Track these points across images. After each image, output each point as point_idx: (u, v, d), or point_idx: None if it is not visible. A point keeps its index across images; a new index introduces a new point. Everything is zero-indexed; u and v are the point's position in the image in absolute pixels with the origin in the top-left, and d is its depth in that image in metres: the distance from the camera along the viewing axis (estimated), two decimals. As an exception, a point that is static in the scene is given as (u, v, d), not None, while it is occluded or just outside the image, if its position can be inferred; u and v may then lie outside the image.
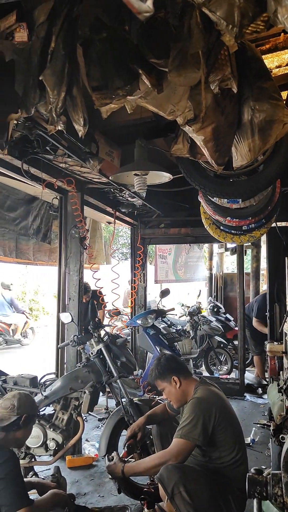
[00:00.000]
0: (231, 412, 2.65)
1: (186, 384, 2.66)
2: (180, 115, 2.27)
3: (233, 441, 2.52)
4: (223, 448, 2.50)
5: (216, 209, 4.00)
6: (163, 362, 2.74)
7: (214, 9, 1.66)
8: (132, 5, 1.31)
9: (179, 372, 2.70)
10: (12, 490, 2.20)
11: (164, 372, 2.68)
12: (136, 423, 3.01)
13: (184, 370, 2.76)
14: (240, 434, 2.62)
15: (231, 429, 2.53)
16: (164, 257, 9.57)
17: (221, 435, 2.48)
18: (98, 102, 2.10)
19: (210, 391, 2.60)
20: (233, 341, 7.80)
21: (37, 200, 5.66)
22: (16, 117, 2.28)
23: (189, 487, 2.32)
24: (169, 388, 2.68)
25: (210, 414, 2.46)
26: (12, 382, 3.66)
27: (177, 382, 2.65)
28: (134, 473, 2.67)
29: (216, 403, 2.53)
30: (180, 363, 2.86)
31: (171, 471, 2.36)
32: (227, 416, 2.53)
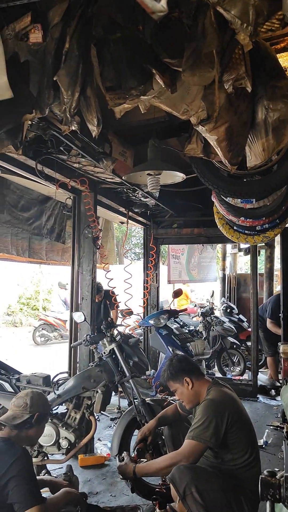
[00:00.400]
0: (244, 413, 2.62)
1: (198, 385, 2.65)
2: (193, 115, 2.26)
3: (246, 443, 2.50)
4: (236, 450, 2.48)
5: (230, 209, 3.98)
6: (175, 363, 2.72)
7: (228, 8, 1.65)
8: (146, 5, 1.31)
9: (191, 373, 2.68)
10: (24, 487, 2.21)
11: (176, 373, 2.67)
12: (147, 426, 3.00)
13: (196, 371, 2.74)
14: (253, 436, 2.60)
15: (244, 431, 2.51)
16: (177, 257, 9.55)
17: (234, 437, 2.46)
18: (112, 102, 2.10)
19: (223, 393, 2.58)
20: (246, 342, 7.75)
21: (51, 200, 5.70)
22: (31, 118, 2.30)
23: (201, 488, 2.32)
24: (181, 389, 2.66)
25: (223, 416, 2.44)
26: (25, 381, 3.69)
27: (189, 383, 2.64)
28: (145, 474, 2.67)
29: (229, 405, 2.51)
30: (192, 364, 2.84)
31: (183, 471, 2.35)
32: (240, 418, 2.51)
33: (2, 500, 2.20)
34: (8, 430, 2.46)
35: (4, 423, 2.47)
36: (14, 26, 2.05)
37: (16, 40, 2.05)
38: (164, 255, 10.65)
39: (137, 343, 3.97)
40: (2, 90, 1.80)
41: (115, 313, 6.49)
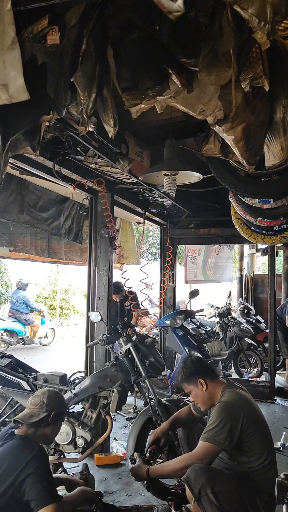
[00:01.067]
0: (260, 416, 2.60)
1: (213, 386, 2.63)
2: (210, 115, 2.25)
3: (261, 445, 2.47)
4: (252, 453, 2.46)
5: (247, 209, 3.95)
6: (189, 364, 2.71)
7: (246, 7, 1.63)
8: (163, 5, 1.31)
9: (205, 375, 2.66)
10: (41, 485, 2.23)
11: (191, 375, 2.66)
12: (160, 428, 2.99)
13: (210, 373, 2.72)
14: (269, 438, 2.57)
15: (260, 434, 2.48)
16: (194, 257, 9.51)
17: (249, 440, 2.44)
18: (128, 103, 2.10)
19: (238, 395, 2.56)
20: (263, 343, 7.67)
21: (68, 201, 5.74)
22: (48, 119, 2.31)
23: (216, 489, 2.30)
24: (196, 391, 2.65)
25: (238, 418, 2.42)
26: (43, 379, 3.73)
27: (203, 385, 2.62)
28: (159, 475, 2.67)
29: (244, 407, 2.49)
30: (207, 365, 2.83)
31: (198, 472, 2.34)
32: (255, 420, 2.48)
33: (19, 497, 2.23)
34: (25, 428, 2.49)
35: (21, 421, 2.50)
36: (32, 29, 2.07)
37: (34, 42, 2.08)
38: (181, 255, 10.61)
39: (153, 343, 3.97)
40: (19, 92, 1.82)
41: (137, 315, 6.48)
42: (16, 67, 1.78)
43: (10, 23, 1.72)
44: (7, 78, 1.79)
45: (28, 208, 5.11)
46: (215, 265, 10.72)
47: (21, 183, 4.87)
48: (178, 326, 5.33)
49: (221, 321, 7.47)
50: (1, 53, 1.76)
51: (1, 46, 1.75)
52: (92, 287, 4.55)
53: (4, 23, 1.72)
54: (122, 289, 6.00)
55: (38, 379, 3.74)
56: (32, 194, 5.16)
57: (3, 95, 1.83)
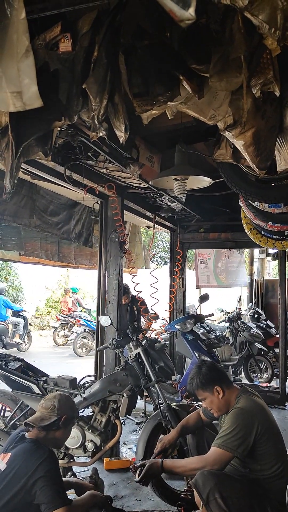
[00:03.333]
0: (274, 423, 2.57)
1: (228, 393, 2.59)
2: (220, 120, 2.26)
3: (275, 453, 2.45)
4: (265, 461, 2.43)
5: (258, 213, 3.95)
6: (204, 371, 2.65)
7: (256, 13, 1.64)
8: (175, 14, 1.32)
9: (221, 382, 2.62)
10: (52, 488, 2.24)
11: (207, 382, 2.61)
12: (167, 438, 2.94)
13: (226, 379, 2.68)
14: (282, 446, 2.54)
15: (273, 442, 2.45)
16: (205, 261, 9.49)
17: (263, 448, 2.41)
18: (139, 109, 2.12)
19: (253, 402, 2.53)
20: (273, 349, 7.62)
21: (79, 205, 5.78)
22: (60, 125, 2.34)
23: (224, 494, 2.28)
24: (211, 398, 2.60)
25: (252, 426, 2.39)
26: (53, 383, 3.74)
27: (219, 392, 2.58)
28: (172, 470, 2.60)
29: (259, 415, 2.46)
30: (222, 371, 2.78)
31: (206, 477, 2.33)
32: (269, 428, 2.46)
33: (29, 500, 2.24)
34: (36, 432, 2.50)
35: (32, 424, 2.51)
36: (45, 36, 2.10)
37: (46, 49, 2.11)
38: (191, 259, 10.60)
39: (163, 348, 3.97)
40: (33, 99, 1.85)
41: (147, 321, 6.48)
42: (30, 74, 1.80)
43: (24, 31, 1.75)
44: (21, 86, 1.82)
45: (39, 212, 5.16)
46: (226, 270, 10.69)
47: (32, 187, 4.92)
48: (188, 330, 5.31)
49: (231, 326, 7.45)
50: (16, 61, 1.79)
51: (16, 54, 1.78)
52: (102, 291, 4.57)
53: (18, 32, 1.75)
54: (127, 290, 6.01)
55: (48, 383, 3.76)
56: (43, 198, 5.20)
57: (17, 102, 1.86)
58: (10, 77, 1.83)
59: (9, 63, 1.82)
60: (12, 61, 1.80)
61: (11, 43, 1.78)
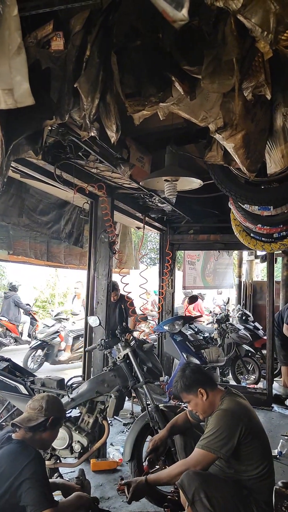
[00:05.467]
0: (258, 424, 2.58)
1: (213, 395, 2.59)
2: (212, 122, 2.26)
3: (259, 454, 2.46)
4: (249, 462, 2.44)
5: (247, 216, 3.96)
6: (188, 373, 2.65)
7: (249, 16, 1.65)
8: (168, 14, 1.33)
9: (205, 384, 2.62)
10: (38, 490, 2.22)
11: (191, 385, 2.61)
12: (158, 436, 2.95)
13: (210, 381, 2.68)
14: (267, 446, 2.56)
15: (258, 442, 2.46)
16: (193, 263, 9.51)
17: (247, 449, 2.42)
18: (131, 109, 2.12)
19: (237, 403, 2.54)
20: (261, 350, 7.67)
21: (69, 205, 5.75)
22: (51, 124, 2.33)
23: (210, 494, 2.29)
24: (196, 400, 2.60)
25: (236, 427, 2.40)
26: (40, 383, 3.71)
27: (204, 394, 2.58)
28: (157, 483, 2.62)
29: (243, 416, 2.46)
30: (206, 373, 2.79)
31: (192, 477, 2.33)
32: (253, 429, 2.46)
33: (15, 502, 2.22)
34: (22, 432, 2.48)
35: (19, 424, 2.49)
36: (36, 34, 2.09)
37: (38, 47, 2.09)
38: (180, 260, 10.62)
39: (152, 349, 3.97)
40: (24, 97, 1.83)
41: (134, 320, 6.48)
42: (21, 72, 1.79)
43: (16, 28, 1.73)
44: (12, 83, 1.80)
45: (28, 211, 5.12)
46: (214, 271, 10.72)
47: (21, 186, 4.88)
48: (177, 331, 5.32)
49: (219, 327, 7.47)
50: (7, 58, 1.78)
51: (7, 51, 1.77)
52: (91, 291, 4.55)
53: (10, 29, 1.73)
54: (117, 287, 6.00)
55: (36, 383, 3.73)
56: (32, 197, 5.17)
57: (8, 99, 1.85)
58: (2, 74, 1.81)
59: (1, 60, 1.80)
60: (3, 58, 1.79)
61: (3, 40, 1.76)
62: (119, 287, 6.03)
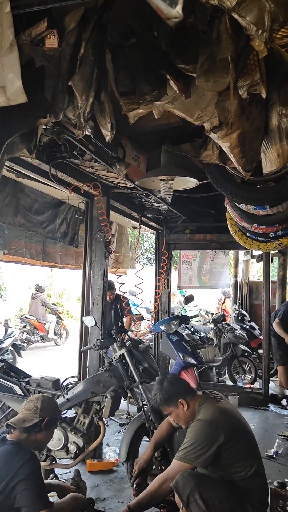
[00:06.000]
0: (241, 425, 2.55)
1: (193, 404, 2.58)
2: (207, 121, 2.26)
3: (246, 455, 2.45)
4: (238, 464, 2.43)
5: (243, 215, 3.96)
6: (166, 386, 2.63)
7: (244, 14, 1.64)
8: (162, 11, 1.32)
9: (185, 394, 2.60)
10: (32, 491, 2.21)
11: (170, 397, 2.59)
12: (143, 458, 2.92)
13: (188, 390, 2.67)
14: (254, 446, 2.54)
15: (243, 444, 2.45)
16: (189, 263, 9.50)
17: (232, 452, 2.41)
18: (126, 107, 2.11)
19: (215, 410, 2.51)
20: (257, 350, 7.67)
21: (64, 204, 5.73)
22: (45, 122, 2.31)
23: (204, 495, 2.28)
24: (177, 411, 2.60)
25: (214, 436, 2.38)
26: (35, 384, 3.70)
27: (184, 405, 2.57)
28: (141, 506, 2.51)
29: (222, 423, 2.45)
30: (183, 383, 2.76)
31: (186, 478, 2.32)
32: (236, 433, 2.45)
33: (9, 504, 2.20)
34: (17, 433, 2.46)
35: (14, 425, 2.47)
36: (30, 32, 2.06)
37: (32, 45, 2.07)
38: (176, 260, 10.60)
39: (147, 349, 3.95)
40: (17, 95, 1.82)
41: (129, 319, 6.48)
42: (14, 69, 1.77)
43: (9, 25, 1.72)
44: (4, 81, 1.78)
45: (24, 211, 5.09)
46: (211, 271, 10.72)
47: (16, 186, 4.85)
48: (173, 331, 5.30)
49: (215, 327, 7.47)
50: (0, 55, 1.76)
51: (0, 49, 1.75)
52: (86, 291, 4.53)
53: (3, 26, 1.72)
54: (113, 286, 5.99)
55: (31, 384, 3.71)
56: (28, 197, 5.14)
57: (0, 97, 1.83)
58: (-6, 71, 1.80)
59: (-7, 58, 1.78)
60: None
61: (-5, 37, 1.75)
62: (115, 286, 6.02)
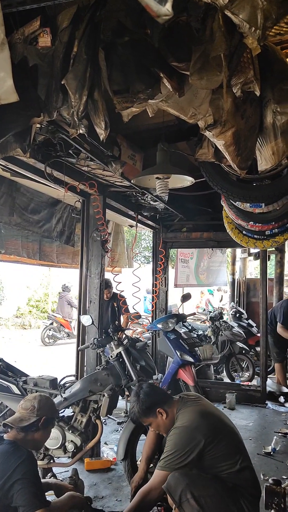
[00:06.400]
0: (221, 425, 2.53)
1: (171, 411, 2.57)
2: (201, 119, 2.25)
3: (230, 452, 2.44)
4: (222, 463, 2.42)
5: (239, 213, 3.96)
6: (143, 397, 2.61)
7: (237, 12, 1.64)
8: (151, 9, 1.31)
9: (162, 403, 2.59)
10: (29, 490, 2.21)
11: (148, 408, 2.58)
12: (138, 475, 2.92)
13: (165, 398, 2.66)
14: (237, 441, 2.53)
15: (225, 443, 2.44)
16: (186, 261, 9.51)
17: (215, 453, 2.40)
18: (119, 106, 2.10)
19: (192, 414, 2.50)
20: (255, 348, 7.68)
21: (60, 203, 5.72)
22: (39, 121, 2.31)
23: (196, 494, 2.28)
24: (157, 421, 2.59)
25: (193, 442, 2.38)
26: (32, 383, 3.70)
27: (163, 414, 2.56)
28: None
29: (201, 427, 2.44)
30: (159, 391, 2.75)
31: (177, 478, 2.32)
32: (216, 433, 2.44)
33: (7, 503, 2.20)
34: (14, 433, 2.46)
35: (11, 424, 2.47)
36: (23, 30, 2.07)
37: (25, 44, 2.07)
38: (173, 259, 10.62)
39: (145, 347, 3.96)
40: (8, 94, 1.81)
41: (126, 318, 6.48)
42: (5, 68, 1.77)
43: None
44: (-4, 80, 1.78)
45: (19, 210, 5.08)
46: (208, 269, 10.74)
47: (12, 185, 4.84)
48: (170, 329, 5.32)
49: (213, 325, 7.48)
50: (-9, 54, 1.76)
51: (-10, 47, 1.75)
52: (83, 290, 4.53)
53: (-6, 24, 1.71)
54: (110, 285, 5.99)
55: (28, 383, 3.71)
56: (23, 196, 5.12)
57: (-8, 96, 1.82)
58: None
59: (-15, 57, 1.77)
60: (-13, 55, 1.77)
61: (-14, 36, 1.74)
62: (112, 285, 6.02)
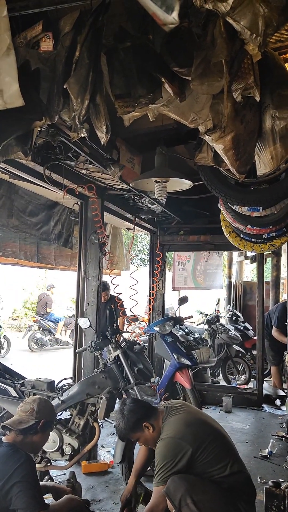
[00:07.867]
0: (208, 431, 2.53)
1: (157, 423, 2.57)
2: (202, 123, 2.28)
3: (220, 456, 2.45)
4: (215, 467, 2.43)
5: (237, 217, 3.98)
6: (127, 414, 2.61)
7: (238, 19, 1.66)
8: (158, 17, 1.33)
9: (148, 417, 2.59)
10: (28, 493, 2.21)
11: (134, 423, 2.58)
12: (127, 489, 2.92)
13: (150, 411, 2.65)
14: (226, 445, 2.54)
15: (213, 448, 2.44)
16: (183, 264, 9.52)
17: (205, 459, 2.41)
18: (121, 110, 2.12)
19: (177, 423, 2.51)
20: (251, 351, 7.70)
21: (58, 206, 5.72)
22: (40, 124, 2.32)
23: (196, 498, 2.28)
24: (144, 436, 2.60)
25: (180, 452, 2.39)
26: (30, 386, 3.69)
27: (149, 427, 2.56)
28: None
29: (187, 435, 2.44)
30: (144, 405, 2.75)
31: (177, 483, 2.32)
32: (203, 440, 2.44)
33: (5, 506, 2.20)
34: (13, 435, 2.46)
35: (9, 426, 2.47)
36: (26, 34, 2.08)
37: (27, 48, 2.08)
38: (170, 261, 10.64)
39: (142, 350, 3.96)
40: (14, 98, 1.83)
41: (122, 320, 6.48)
42: (11, 73, 1.78)
43: (6, 29, 1.73)
44: (2, 84, 1.79)
45: (18, 212, 5.08)
46: (205, 272, 10.75)
47: (10, 187, 4.84)
48: (167, 332, 5.32)
49: (209, 328, 7.49)
50: (-4, 59, 1.77)
51: (-4, 52, 1.76)
52: (81, 293, 4.53)
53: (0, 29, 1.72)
54: (107, 287, 5.99)
55: (26, 386, 3.70)
56: (22, 198, 5.13)
57: (-3, 100, 1.84)
58: (-10, 75, 1.81)
59: (-11, 61, 1.79)
60: (-8, 59, 1.78)
61: (-9, 40, 1.75)
62: (110, 287, 6.02)
